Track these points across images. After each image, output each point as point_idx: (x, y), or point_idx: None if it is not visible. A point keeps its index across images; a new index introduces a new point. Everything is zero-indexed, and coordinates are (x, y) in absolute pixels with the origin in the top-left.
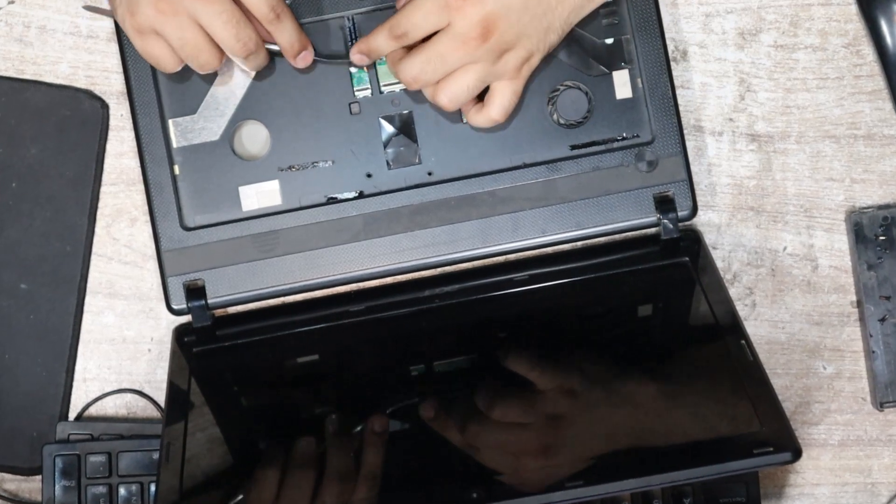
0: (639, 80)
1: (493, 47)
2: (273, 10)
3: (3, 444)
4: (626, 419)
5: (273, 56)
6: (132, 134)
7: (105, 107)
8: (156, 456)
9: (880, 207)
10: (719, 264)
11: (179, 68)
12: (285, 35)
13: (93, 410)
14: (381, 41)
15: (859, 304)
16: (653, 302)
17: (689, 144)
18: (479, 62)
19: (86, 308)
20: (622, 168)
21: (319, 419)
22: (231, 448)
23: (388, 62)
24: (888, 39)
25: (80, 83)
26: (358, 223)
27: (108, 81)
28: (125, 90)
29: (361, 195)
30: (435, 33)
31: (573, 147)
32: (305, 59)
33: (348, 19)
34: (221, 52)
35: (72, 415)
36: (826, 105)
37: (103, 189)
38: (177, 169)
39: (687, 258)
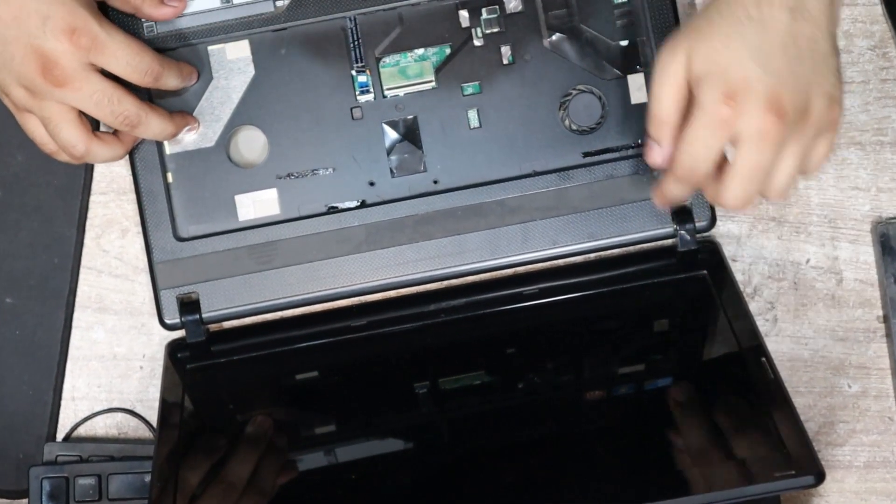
0: None
1: (794, 119)
2: (149, 74)
3: None
4: (641, 441)
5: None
6: None
7: None
8: (148, 478)
9: None
10: (739, 277)
11: (57, 148)
12: (171, 83)
13: (82, 431)
14: (675, 190)
15: (886, 319)
16: (669, 317)
17: None
18: (790, 141)
19: (74, 323)
20: (637, 176)
21: (319, 439)
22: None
23: (708, 198)
24: None
25: None
26: (360, 234)
27: None
28: None
29: (363, 204)
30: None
31: (586, 154)
32: (193, 78)
33: (350, 20)
34: (88, 131)
35: (60, 435)
36: (851, 110)
37: (93, 198)
38: (170, 177)
39: (705, 271)
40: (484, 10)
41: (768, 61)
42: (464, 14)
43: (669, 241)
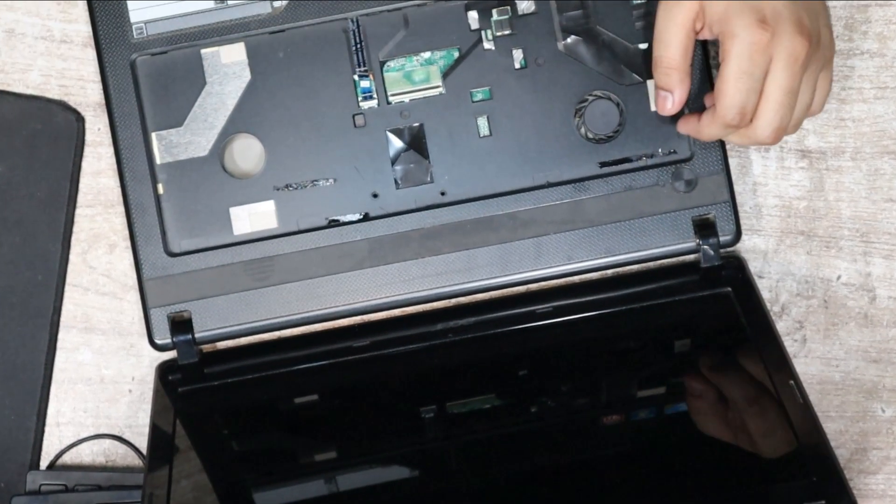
0: None
1: (814, 43)
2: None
3: None
4: (661, 466)
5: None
6: (111, 149)
7: (80, 119)
8: None
9: None
10: (766, 295)
11: None
12: None
13: (67, 458)
14: (718, 134)
15: None
16: (691, 337)
17: (732, 161)
18: (809, 67)
19: (59, 344)
20: (657, 188)
21: (319, 466)
22: (220, 498)
23: (737, 139)
24: None
25: (53, 93)
26: (363, 249)
27: (83, 91)
28: (103, 101)
29: (366, 217)
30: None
31: (603, 164)
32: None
33: (352, 21)
34: None
35: (43, 463)
36: (885, 117)
37: (78, 211)
38: (161, 188)
39: (729, 288)
40: (494, 12)
41: None
42: (473, 15)
43: (692, 257)
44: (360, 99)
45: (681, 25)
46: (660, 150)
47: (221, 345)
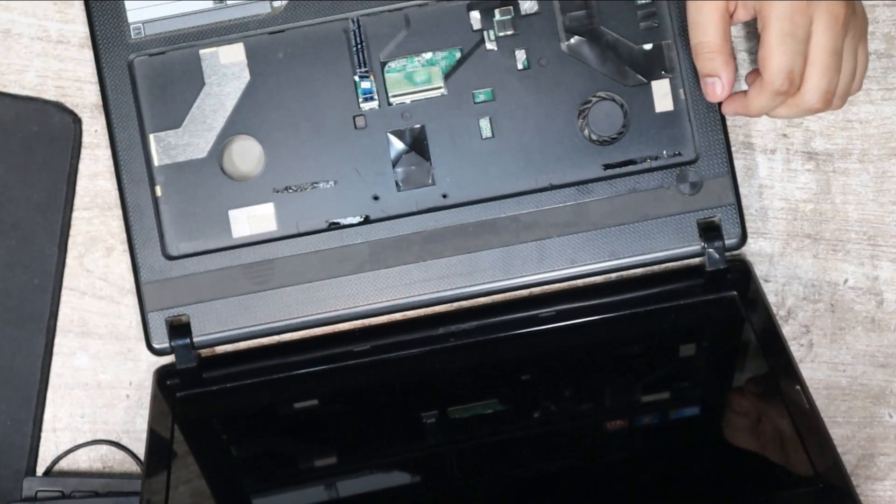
0: (681, 90)
1: (852, 8)
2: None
3: None
4: (665, 472)
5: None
6: (108, 152)
7: (77, 121)
8: None
9: None
10: (772, 299)
11: None
12: None
13: (63, 464)
14: (768, 104)
15: None
16: (696, 341)
17: (738, 164)
18: (849, 32)
19: (56, 349)
20: (662, 190)
21: (319, 472)
22: None
23: (782, 110)
24: None
25: (50, 94)
26: (363, 252)
27: (80, 93)
28: (100, 102)
29: (367, 220)
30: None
31: (606, 166)
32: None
33: (353, 21)
34: None
35: (40, 469)
36: (893, 119)
37: (75, 214)
38: (159, 190)
39: (735, 292)
40: (497, 12)
41: None
42: (475, 15)
43: (697, 260)
44: (360, 100)
45: (714, 8)
46: (664, 152)
47: (220, 349)
